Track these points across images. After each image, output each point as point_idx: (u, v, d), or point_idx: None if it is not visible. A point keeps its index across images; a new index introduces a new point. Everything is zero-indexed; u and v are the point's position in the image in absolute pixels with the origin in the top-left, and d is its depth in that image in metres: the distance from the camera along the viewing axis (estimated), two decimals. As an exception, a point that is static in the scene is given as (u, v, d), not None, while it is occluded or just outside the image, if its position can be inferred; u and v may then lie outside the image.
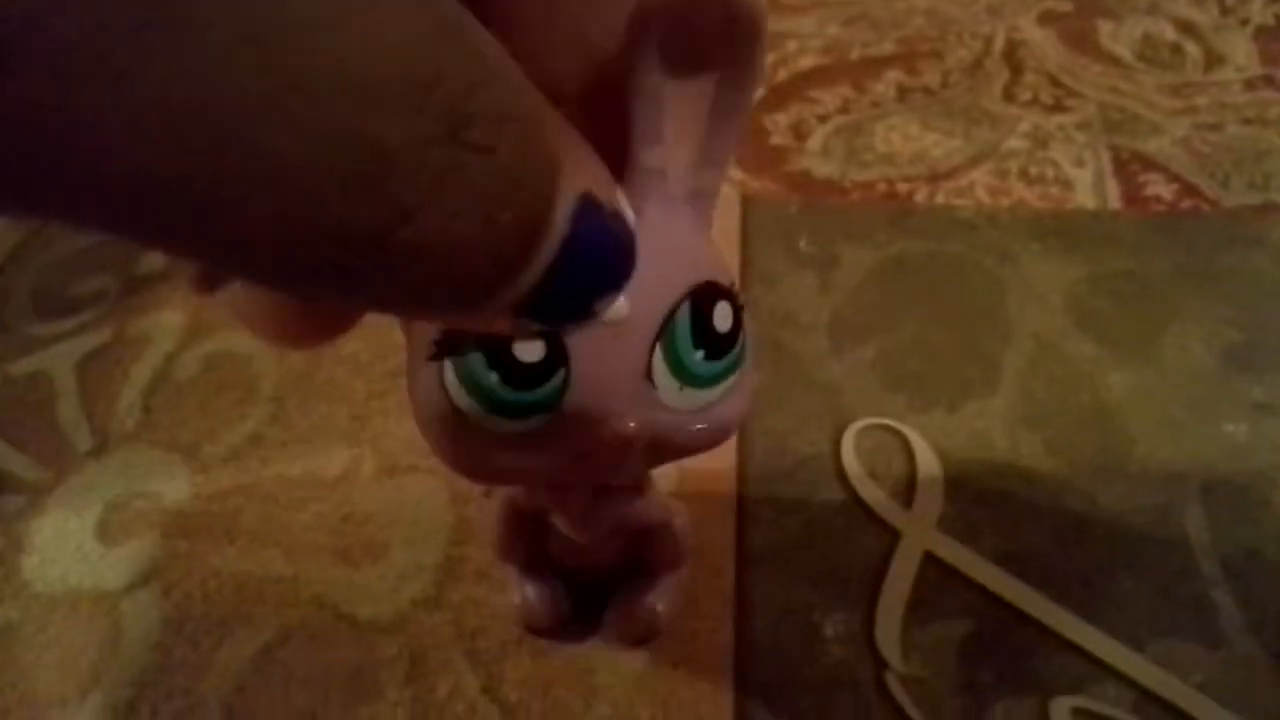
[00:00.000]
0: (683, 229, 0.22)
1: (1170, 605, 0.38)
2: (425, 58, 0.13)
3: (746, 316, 0.24)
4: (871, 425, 0.44)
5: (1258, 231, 0.55)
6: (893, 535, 0.40)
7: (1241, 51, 0.71)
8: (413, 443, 0.45)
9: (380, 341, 0.49)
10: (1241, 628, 0.37)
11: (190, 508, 0.43)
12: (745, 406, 0.26)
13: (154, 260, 0.56)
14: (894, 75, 0.71)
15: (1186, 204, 0.57)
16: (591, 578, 0.37)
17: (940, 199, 0.58)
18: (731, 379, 0.24)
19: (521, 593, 0.37)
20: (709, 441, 0.25)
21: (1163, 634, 0.37)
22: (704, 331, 0.23)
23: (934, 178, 0.60)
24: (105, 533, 0.43)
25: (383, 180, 0.13)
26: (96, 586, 0.41)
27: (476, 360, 0.22)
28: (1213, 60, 0.71)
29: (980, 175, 0.60)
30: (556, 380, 0.22)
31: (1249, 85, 0.68)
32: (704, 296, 0.22)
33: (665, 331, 0.22)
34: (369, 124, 0.12)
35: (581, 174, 0.18)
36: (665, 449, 0.24)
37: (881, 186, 0.60)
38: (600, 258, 0.19)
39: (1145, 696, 0.35)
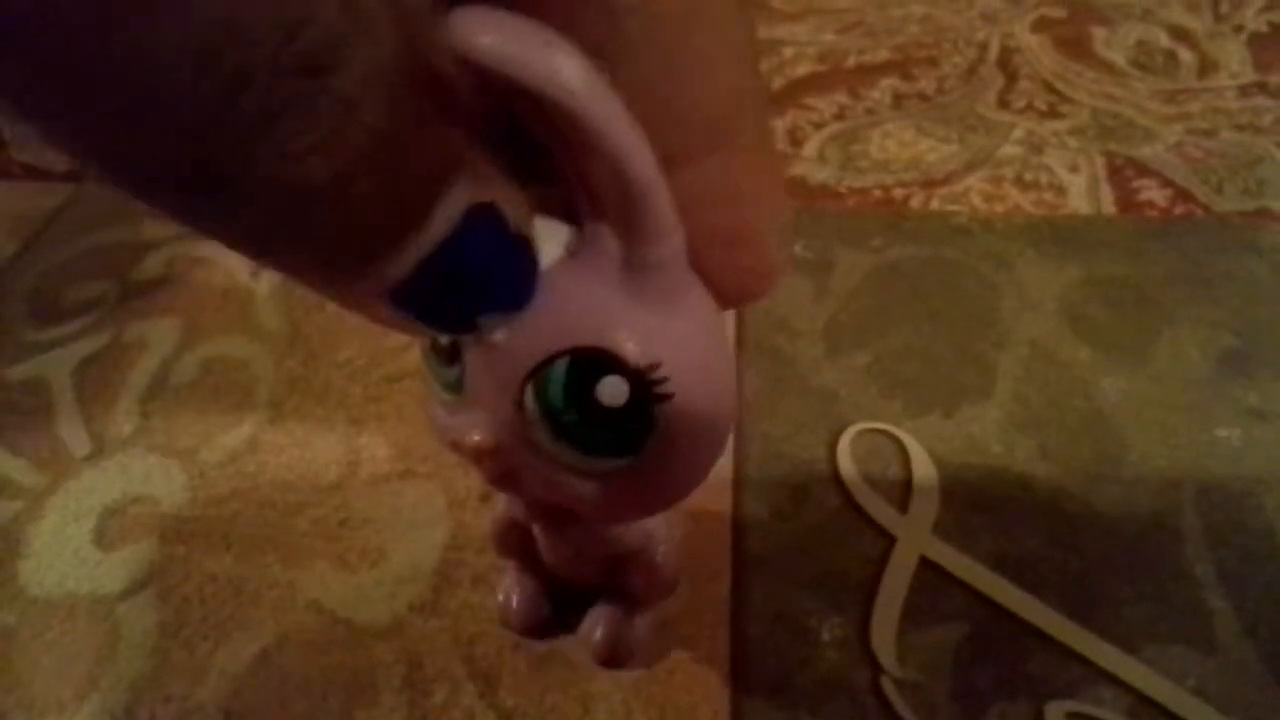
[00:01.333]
0: (606, 290, 0.21)
1: (1165, 610, 0.38)
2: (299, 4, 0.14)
3: (676, 411, 0.23)
4: (867, 430, 0.45)
5: (1251, 237, 0.55)
6: (888, 540, 0.40)
7: (1235, 58, 0.72)
8: (410, 448, 0.45)
9: (377, 346, 0.49)
10: (1236, 632, 0.37)
11: (187, 512, 0.43)
12: (647, 502, 0.25)
13: (151, 265, 0.56)
14: (889, 82, 0.71)
15: (1180, 210, 0.57)
16: (579, 588, 0.37)
17: (935, 205, 0.59)
18: (626, 460, 0.23)
19: (505, 590, 0.37)
20: (597, 511, 0.25)
21: (1158, 638, 0.37)
22: (582, 395, 0.22)
23: (929, 184, 0.60)
24: (102, 537, 0.43)
25: (238, 89, 0.13)
26: (93, 591, 0.41)
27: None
28: (1206, 67, 0.71)
29: (975, 181, 0.60)
30: (457, 369, 0.23)
31: (1243, 92, 0.68)
32: (590, 363, 0.21)
33: (538, 373, 0.21)
34: (237, 48, 0.13)
35: (487, 188, 0.18)
36: (553, 495, 0.24)
37: (877, 192, 0.60)
38: (486, 271, 0.19)
39: (1140, 701, 0.35)
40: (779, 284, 0.21)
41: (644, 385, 0.22)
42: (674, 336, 0.22)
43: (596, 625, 0.36)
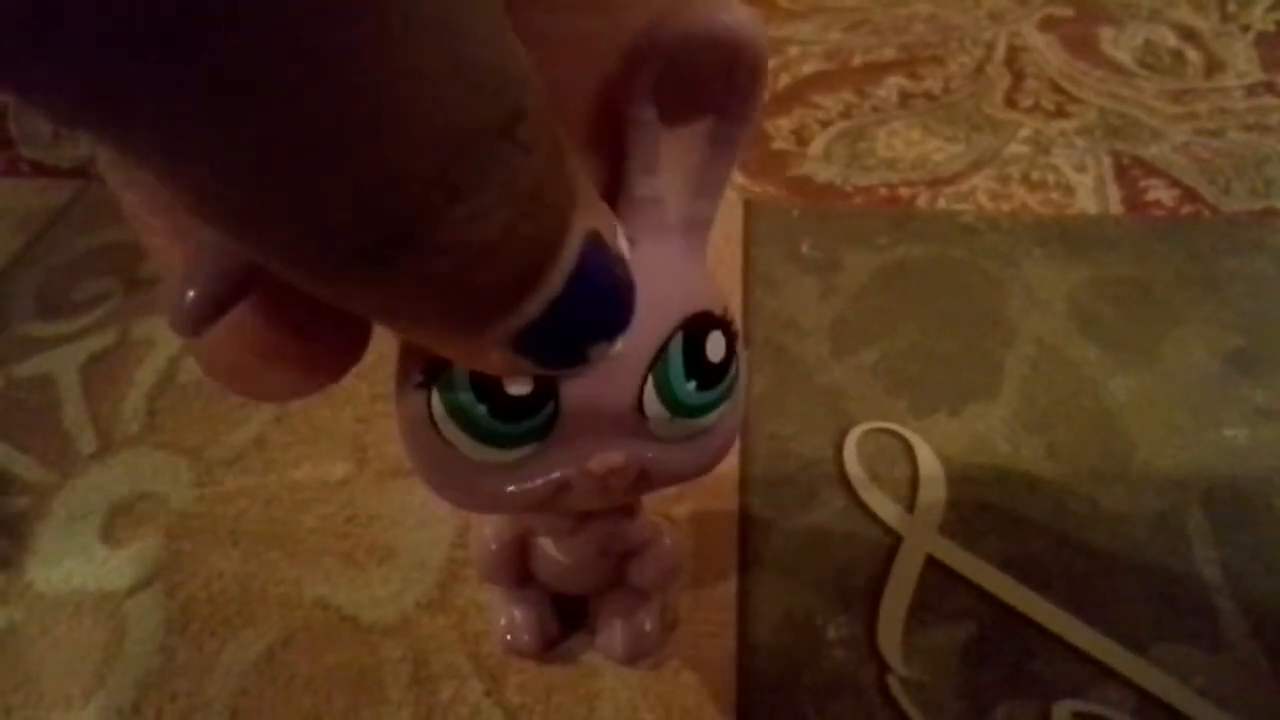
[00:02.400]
0: (676, 259, 0.22)
1: (1172, 609, 0.38)
2: (502, 51, 0.14)
3: (739, 344, 0.24)
4: (873, 429, 0.44)
5: (1259, 237, 0.55)
6: (895, 539, 0.40)
7: (1242, 58, 0.72)
8: (416, 446, 0.45)
9: (384, 346, 0.49)
10: (1243, 632, 0.37)
11: (194, 510, 0.43)
12: (736, 432, 0.26)
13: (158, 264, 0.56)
14: (896, 81, 0.71)
15: (1187, 209, 0.57)
16: (578, 598, 0.37)
17: (942, 204, 0.59)
18: (724, 406, 0.24)
19: (508, 614, 0.36)
20: (698, 469, 0.25)
21: (1164, 638, 0.37)
22: (697, 362, 0.22)
23: (935, 183, 0.60)
24: (109, 534, 0.43)
25: (448, 162, 0.13)
26: (100, 588, 0.41)
27: (464, 389, 0.21)
28: (1214, 66, 0.71)
29: (982, 180, 0.60)
30: (546, 412, 0.21)
31: (1250, 91, 0.68)
32: (697, 327, 0.22)
33: (657, 363, 0.21)
34: (459, 107, 0.13)
35: (591, 213, 0.18)
36: (654, 478, 0.24)
37: (883, 191, 0.60)
38: (602, 299, 0.19)
39: (1147, 700, 0.35)
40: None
41: (730, 331, 0.23)
42: (715, 282, 0.23)
43: (614, 627, 0.36)
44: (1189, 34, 0.75)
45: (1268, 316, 0.50)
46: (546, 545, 0.32)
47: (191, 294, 0.17)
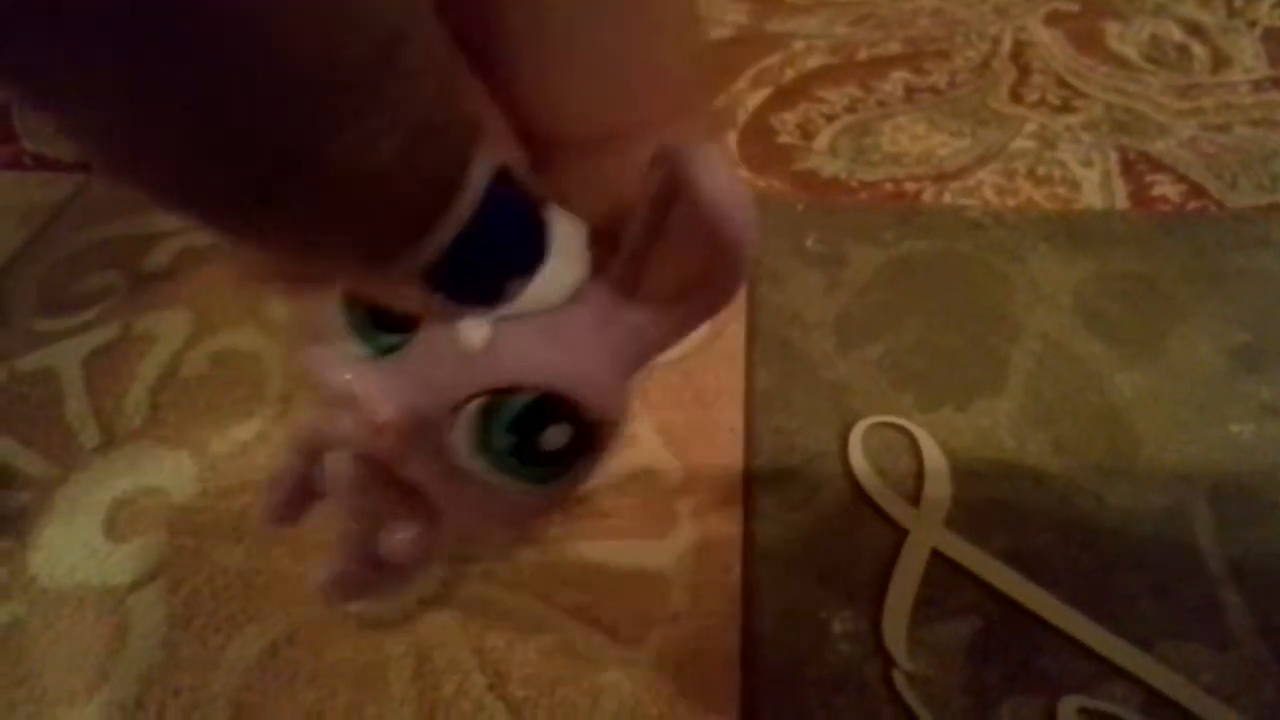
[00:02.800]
0: (599, 344, 0.22)
1: (1178, 606, 0.38)
2: None
3: (589, 463, 0.24)
4: (879, 423, 0.44)
5: (1265, 232, 0.55)
6: (900, 533, 0.40)
7: (1249, 53, 0.71)
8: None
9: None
10: (1249, 628, 0.37)
11: (197, 504, 0.43)
12: (526, 524, 0.26)
13: (160, 256, 0.56)
14: (901, 75, 0.71)
15: (1193, 204, 0.57)
16: None
17: (947, 198, 0.58)
18: (524, 488, 0.24)
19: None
20: (469, 517, 0.25)
21: (1171, 634, 0.37)
22: (528, 429, 0.22)
23: (941, 177, 0.60)
24: (112, 529, 0.43)
25: (324, 93, 0.13)
26: (104, 583, 0.41)
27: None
28: (1220, 61, 0.70)
29: (987, 175, 0.60)
30: (392, 342, 0.22)
31: (1256, 86, 0.68)
32: (553, 406, 0.22)
33: (496, 397, 0.22)
34: (329, 34, 0.13)
35: (502, 150, 0.18)
36: (435, 492, 0.24)
37: (889, 186, 0.60)
38: (511, 233, 0.19)
39: (1153, 697, 0.35)
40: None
41: (587, 440, 0.23)
42: (622, 399, 0.23)
43: (338, 555, 0.33)
44: (1195, 29, 0.74)
45: (1274, 312, 0.50)
46: (329, 459, 0.31)
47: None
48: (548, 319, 0.21)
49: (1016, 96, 0.68)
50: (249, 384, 0.48)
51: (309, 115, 0.13)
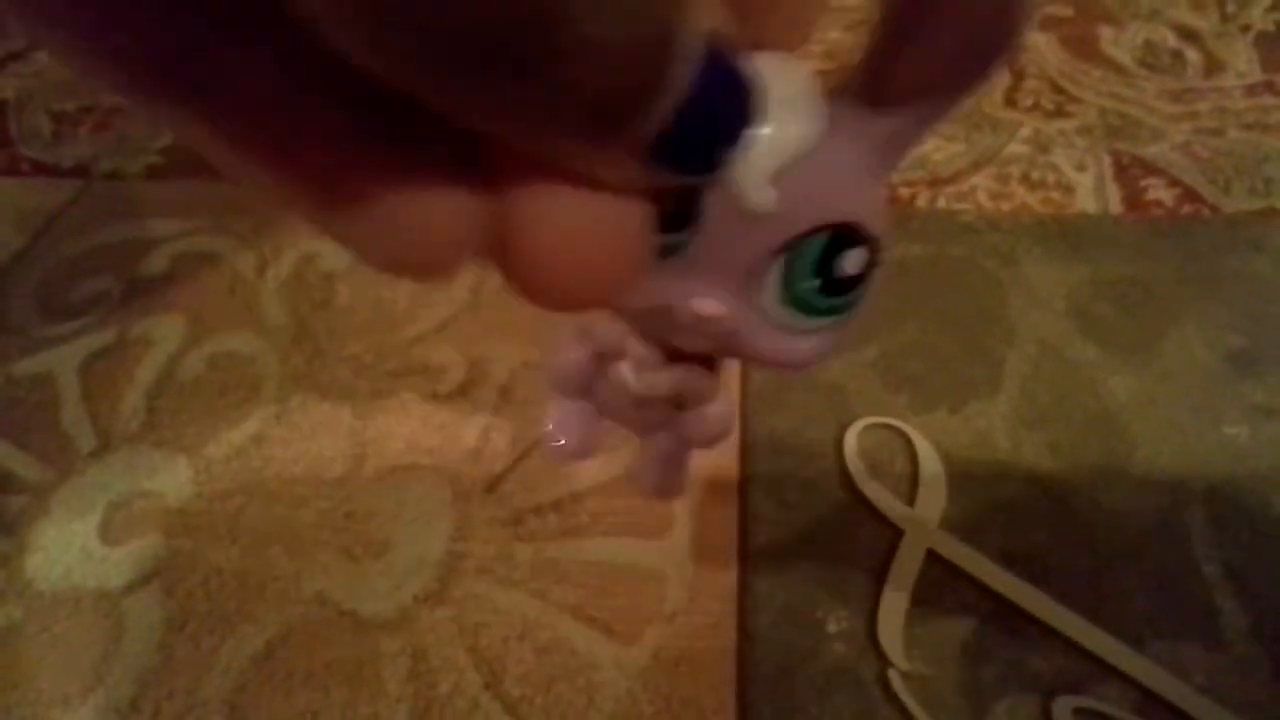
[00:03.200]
0: (858, 165, 0.23)
1: (1172, 606, 0.38)
2: None
3: (877, 273, 0.24)
4: (874, 424, 0.44)
5: (1258, 236, 0.55)
6: (895, 533, 0.40)
7: (1242, 58, 0.71)
8: (414, 441, 0.45)
9: (382, 342, 0.49)
10: (1243, 629, 0.37)
11: (193, 507, 0.43)
12: (828, 351, 0.26)
13: (155, 262, 0.56)
14: (896, 81, 0.71)
15: (1187, 209, 0.57)
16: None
17: (942, 203, 0.59)
18: (831, 320, 0.23)
19: (562, 415, 0.35)
20: (779, 361, 0.25)
21: (1165, 635, 0.37)
22: (829, 267, 0.21)
23: (935, 182, 0.60)
24: (108, 532, 0.43)
25: None
26: (99, 586, 0.41)
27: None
28: (1213, 66, 0.71)
29: (982, 180, 0.60)
30: (680, 236, 0.22)
31: (1250, 91, 0.68)
32: (847, 237, 0.21)
33: (792, 247, 0.21)
34: None
35: (707, 13, 0.18)
36: (744, 347, 0.24)
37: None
38: (728, 100, 0.19)
39: (1147, 697, 0.35)
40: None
41: (876, 255, 0.22)
42: (883, 203, 0.23)
43: (651, 460, 0.35)
44: (1189, 34, 0.75)
45: (1268, 315, 0.50)
46: (623, 371, 0.32)
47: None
48: (813, 158, 0.21)
49: (1010, 101, 0.68)
50: (244, 387, 0.48)
51: None
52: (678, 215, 0.22)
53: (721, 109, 0.19)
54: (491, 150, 0.16)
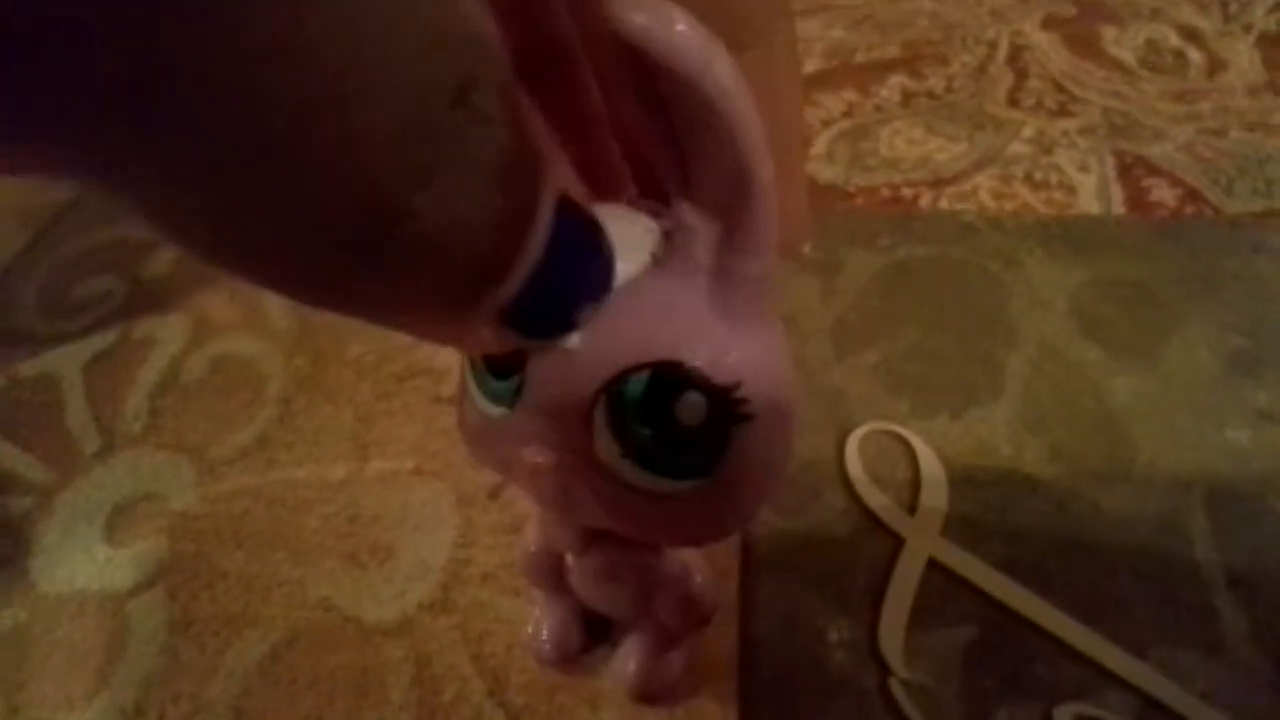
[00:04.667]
0: (693, 302, 0.21)
1: (1173, 612, 0.38)
2: (456, 28, 0.13)
3: (750, 432, 0.22)
4: (875, 430, 0.44)
5: (1261, 237, 0.55)
6: (896, 541, 0.40)
7: (1245, 58, 0.71)
8: (418, 445, 0.45)
9: (386, 345, 0.49)
10: (1244, 635, 0.37)
11: (197, 510, 0.43)
12: (719, 525, 0.24)
13: (160, 263, 0.56)
14: (898, 80, 0.71)
15: (1190, 209, 0.57)
16: (609, 619, 0.36)
17: (944, 203, 0.59)
18: (693, 483, 0.22)
19: (535, 619, 0.36)
20: (661, 533, 0.24)
21: (1166, 641, 0.37)
22: (659, 412, 0.21)
23: (938, 182, 0.60)
24: (112, 535, 0.43)
25: (412, 143, 0.13)
26: (104, 588, 0.41)
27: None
28: (1216, 66, 0.71)
29: (984, 180, 0.60)
30: (513, 382, 0.22)
31: (1252, 91, 0.68)
32: (671, 378, 0.21)
33: (613, 387, 0.21)
34: (419, 87, 0.13)
35: (558, 177, 0.18)
36: (612, 516, 0.23)
37: (885, 191, 0.60)
38: (580, 263, 0.19)
39: (1148, 704, 0.35)
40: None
41: (725, 405, 0.21)
42: (754, 356, 0.22)
43: (629, 660, 0.35)
44: (1191, 34, 0.74)
45: (1270, 317, 0.50)
46: (568, 558, 0.32)
47: None
48: (628, 295, 0.20)
49: (1013, 101, 0.68)
50: (248, 389, 0.49)
51: (394, 169, 0.13)
52: (510, 361, 0.22)
53: (577, 271, 0.19)
54: None
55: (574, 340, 0.20)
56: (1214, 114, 0.65)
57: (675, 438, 0.21)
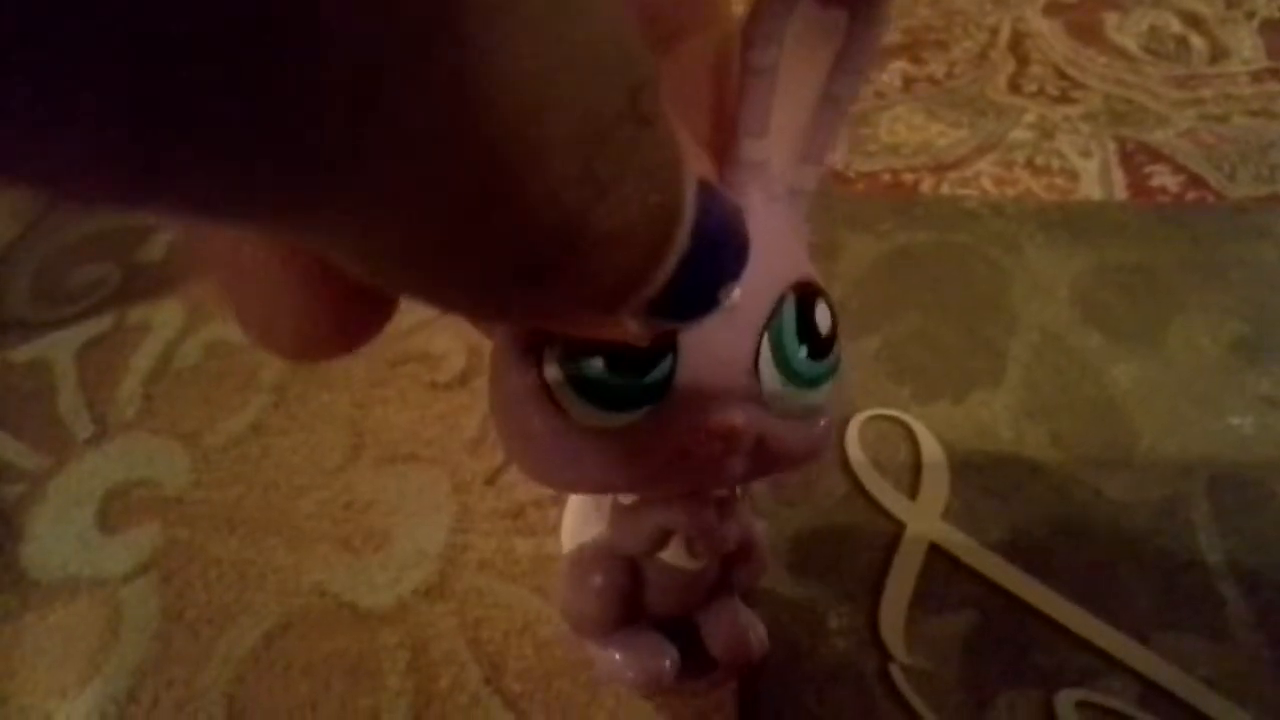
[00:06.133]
0: (782, 224, 0.22)
1: (1175, 598, 0.38)
2: (619, 17, 0.13)
3: (840, 324, 0.23)
4: (876, 416, 0.44)
5: (1264, 223, 0.55)
6: (897, 526, 0.40)
7: (1247, 44, 0.71)
8: (414, 431, 0.44)
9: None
10: (1247, 621, 0.37)
11: (191, 496, 0.43)
12: (836, 430, 0.25)
13: (154, 248, 0.56)
14: (899, 65, 0.71)
15: (1192, 195, 0.57)
16: (675, 619, 0.32)
17: (945, 189, 0.58)
18: (830, 384, 0.23)
19: (623, 653, 0.31)
20: (809, 449, 0.24)
21: (1168, 627, 0.37)
22: (808, 326, 0.22)
23: (939, 168, 0.60)
24: (105, 521, 0.42)
25: (593, 153, 0.13)
26: (96, 575, 0.40)
27: (580, 348, 0.20)
28: (1218, 52, 0.70)
29: (986, 165, 0.60)
30: (664, 367, 0.21)
31: (1255, 77, 0.67)
32: (807, 292, 0.22)
33: (771, 323, 0.21)
34: (599, 95, 0.12)
35: (693, 161, 0.17)
36: (767, 454, 0.23)
37: (886, 177, 0.59)
38: (725, 243, 0.19)
39: (1150, 689, 0.35)
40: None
41: (831, 304, 0.22)
42: (808, 255, 0.23)
43: (730, 633, 0.32)
44: (1193, 20, 0.74)
45: (1273, 304, 0.49)
46: (668, 558, 0.29)
47: None
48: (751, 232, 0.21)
49: (1015, 87, 0.68)
50: (242, 375, 0.48)
51: (576, 184, 0.13)
52: (655, 351, 0.21)
53: (720, 253, 0.18)
54: None
55: (736, 294, 0.19)
56: (1216, 100, 0.65)
57: (820, 347, 0.22)
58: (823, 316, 0.22)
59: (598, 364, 0.20)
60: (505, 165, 0.12)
